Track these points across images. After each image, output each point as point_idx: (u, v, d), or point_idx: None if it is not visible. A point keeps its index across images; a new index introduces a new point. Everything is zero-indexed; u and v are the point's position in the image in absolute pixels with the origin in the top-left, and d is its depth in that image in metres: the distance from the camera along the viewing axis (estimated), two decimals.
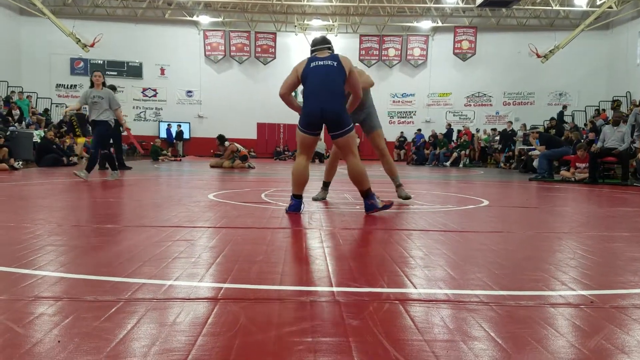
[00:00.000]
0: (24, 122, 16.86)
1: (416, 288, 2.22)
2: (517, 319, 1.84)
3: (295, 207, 4.59)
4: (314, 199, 5.71)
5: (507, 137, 19.72)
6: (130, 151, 23.05)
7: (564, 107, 23.68)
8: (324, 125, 4.58)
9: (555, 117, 20.11)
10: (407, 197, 5.65)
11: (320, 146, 21.15)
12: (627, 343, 1.63)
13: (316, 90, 4.49)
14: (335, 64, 4.52)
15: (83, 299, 1.96)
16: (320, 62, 4.56)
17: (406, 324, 1.77)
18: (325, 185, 5.89)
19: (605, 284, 2.40)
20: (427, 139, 22.70)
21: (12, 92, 19.77)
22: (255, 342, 1.57)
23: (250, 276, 2.38)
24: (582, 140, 13.34)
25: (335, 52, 4.76)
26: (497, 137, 20.79)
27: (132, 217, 4.48)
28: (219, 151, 14.65)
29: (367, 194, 4.57)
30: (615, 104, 20.66)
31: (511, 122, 21.65)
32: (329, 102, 4.42)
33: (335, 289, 2.18)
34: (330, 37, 25.56)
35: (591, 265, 2.76)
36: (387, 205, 4.64)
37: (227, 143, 14.59)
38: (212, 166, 14.29)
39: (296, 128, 4.67)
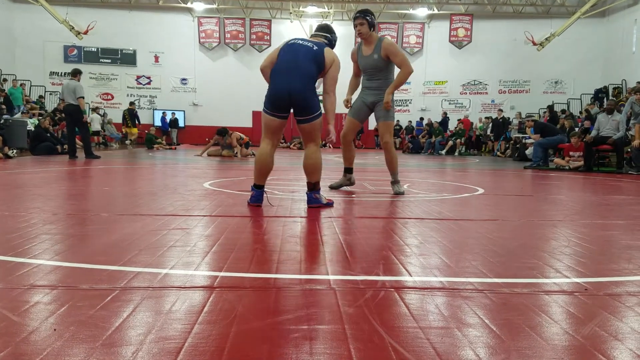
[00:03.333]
0: (15, 111, 16.66)
1: (411, 276, 2.23)
2: (511, 306, 1.85)
3: (256, 199, 4.26)
4: (331, 187, 5.66)
5: (499, 125, 19.73)
6: (124, 139, 22.99)
7: None
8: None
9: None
10: (400, 194, 5.45)
11: None
12: (621, 330, 1.64)
13: (285, 69, 4.16)
14: (315, 48, 4.24)
15: (79, 287, 1.96)
16: (300, 42, 4.31)
17: (401, 311, 1.77)
18: (347, 170, 5.75)
19: (600, 272, 2.41)
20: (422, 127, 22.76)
21: (5, 79, 19.61)
22: (251, 330, 1.57)
23: (246, 264, 2.38)
24: (577, 129, 13.37)
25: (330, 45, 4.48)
26: (490, 125, 20.79)
27: (127, 205, 4.47)
28: (219, 142, 14.34)
29: (314, 187, 4.31)
30: (617, 91, 20.63)
31: (501, 110, 21.62)
32: (297, 83, 4.10)
33: (331, 277, 2.18)
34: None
35: (585, 253, 2.77)
36: (330, 203, 4.40)
37: (226, 135, 14.28)
38: (209, 155, 14.05)
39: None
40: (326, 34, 4.54)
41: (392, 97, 5.41)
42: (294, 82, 4.12)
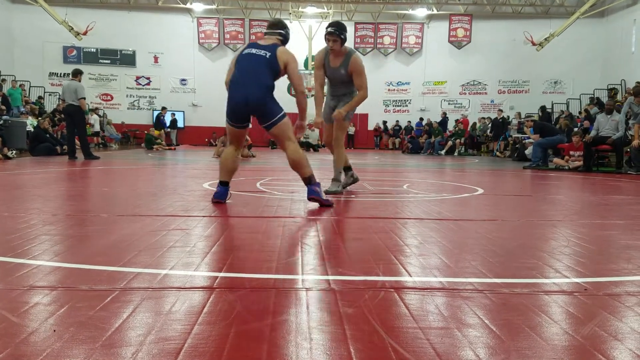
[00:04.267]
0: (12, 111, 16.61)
1: (411, 276, 2.23)
2: (511, 306, 1.85)
3: (219, 195, 4.43)
4: (342, 186, 5.56)
5: (499, 125, 19.73)
6: (124, 140, 23.00)
7: None
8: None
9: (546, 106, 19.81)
10: (335, 192, 5.25)
11: (313, 136, 21.02)
12: (620, 330, 1.64)
13: (241, 80, 4.28)
14: (268, 55, 4.30)
15: (78, 288, 1.96)
16: (254, 51, 4.35)
17: (401, 311, 1.77)
18: (346, 169, 5.64)
19: (599, 272, 2.41)
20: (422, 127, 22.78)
21: (4, 80, 19.60)
22: (251, 330, 1.57)
23: (245, 265, 2.38)
24: (576, 129, 13.38)
25: (281, 42, 4.49)
26: (490, 125, 20.80)
27: (126, 206, 4.47)
28: (226, 142, 14.30)
29: (309, 181, 4.32)
30: (613, 92, 20.66)
31: (501, 111, 21.58)
32: (254, 92, 4.22)
33: (330, 277, 2.18)
34: (325, 24, 25.66)
35: (585, 253, 2.77)
36: (329, 203, 4.38)
37: None
38: (218, 156, 13.92)
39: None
40: (280, 30, 4.58)
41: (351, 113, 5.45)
42: (251, 91, 4.22)
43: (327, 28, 5.29)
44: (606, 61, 23.94)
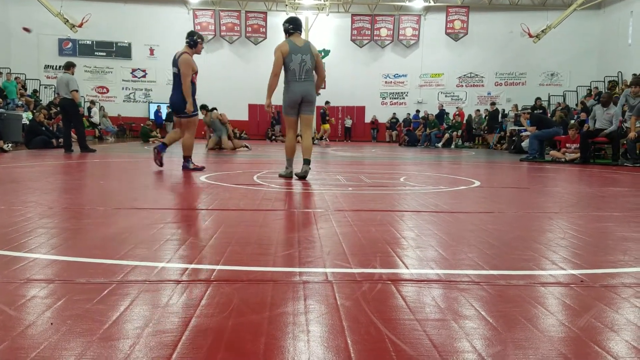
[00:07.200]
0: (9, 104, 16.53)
1: (408, 268, 2.23)
2: (507, 298, 1.86)
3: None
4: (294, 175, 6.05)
5: (494, 117, 19.75)
6: (120, 132, 22.94)
7: None
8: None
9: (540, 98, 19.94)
10: (286, 176, 6.00)
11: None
12: (617, 321, 1.65)
13: None
14: (175, 70, 6.34)
15: (75, 281, 1.96)
16: (175, 69, 6.43)
17: (398, 303, 1.78)
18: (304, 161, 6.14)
19: (595, 263, 2.42)
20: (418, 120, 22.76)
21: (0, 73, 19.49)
22: (249, 323, 1.58)
23: (243, 258, 2.38)
24: (573, 121, 13.38)
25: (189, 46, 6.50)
26: (485, 118, 20.80)
27: (123, 199, 4.46)
28: (207, 122, 14.21)
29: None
30: (610, 85, 20.66)
31: (494, 104, 21.46)
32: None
33: (328, 269, 2.19)
34: (321, 16, 25.59)
35: (581, 245, 2.78)
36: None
37: (214, 113, 14.04)
38: (210, 148, 13.83)
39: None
40: (186, 39, 6.87)
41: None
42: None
43: None
44: (603, 53, 23.93)
